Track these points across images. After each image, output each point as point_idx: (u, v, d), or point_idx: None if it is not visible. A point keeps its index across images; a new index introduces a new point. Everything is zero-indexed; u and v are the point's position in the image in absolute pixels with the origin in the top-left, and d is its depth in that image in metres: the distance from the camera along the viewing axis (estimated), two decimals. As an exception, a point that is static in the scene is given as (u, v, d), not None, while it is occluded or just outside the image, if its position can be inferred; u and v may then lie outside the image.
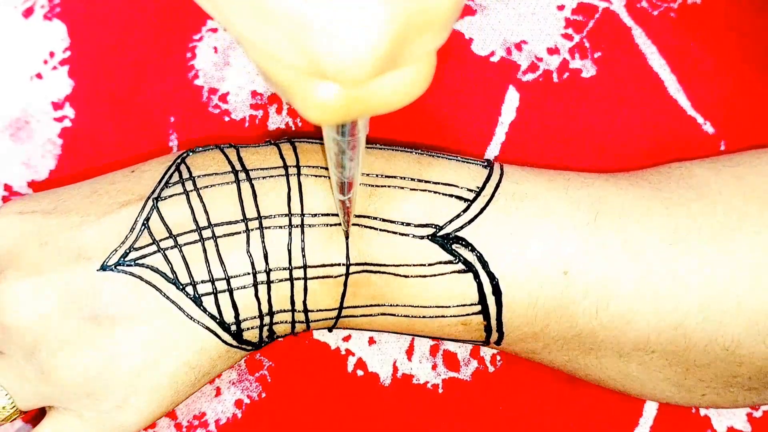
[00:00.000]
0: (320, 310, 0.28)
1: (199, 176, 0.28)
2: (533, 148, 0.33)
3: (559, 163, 0.33)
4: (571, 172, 0.30)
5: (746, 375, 0.28)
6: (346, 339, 0.33)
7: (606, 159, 0.33)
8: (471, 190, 0.28)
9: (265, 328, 0.29)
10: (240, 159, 0.29)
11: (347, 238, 0.28)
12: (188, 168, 0.28)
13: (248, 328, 0.28)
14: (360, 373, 0.33)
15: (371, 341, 0.33)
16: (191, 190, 0.28)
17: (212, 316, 0.27)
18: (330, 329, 0.30)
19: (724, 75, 0.32)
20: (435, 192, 0.28)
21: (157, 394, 0.28)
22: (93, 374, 0.27)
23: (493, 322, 0.28)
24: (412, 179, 0.28)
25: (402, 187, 0.28)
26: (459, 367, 0.33)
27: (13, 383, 0.28)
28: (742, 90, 0.32)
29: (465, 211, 0.28)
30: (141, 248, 0.27)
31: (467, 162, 0.29)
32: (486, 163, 0.29)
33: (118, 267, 0.27)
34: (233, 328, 0.28)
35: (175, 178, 0.28)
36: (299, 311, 0.28)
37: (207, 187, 0.28)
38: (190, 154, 0.29)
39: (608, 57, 0.33)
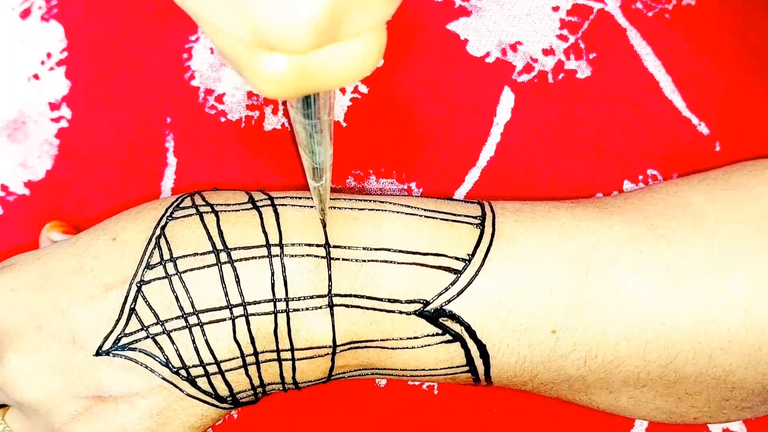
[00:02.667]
0: (309, 382, 0.29)
1: (180, 257, 0.28)
2: (528, 148, 0.33)
3: (555, 164, 0.33)
4: (564, 212, 0.29)
5: (739, 397, 0.28)
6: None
7: (601, 160, 0.33)
8: (460, 259, 0.27)
9: (259, 394, 0.29)
10: (220, 233, 0.28)
11: (324, 226, 0.28)
12: (168, 244, 0.28)
13: (243, 397, 0.29)
14: (355, 373, 0.33)
15: (366, 342, 0.33)
16: (173, 274, 0.27)
17: (207, 393, 0.28)
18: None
19: (719, 76, 0.32)
20: (423, 264, 0.27)
21: None
22: None
23: (482, 377, 0.29)
24: (400, 251, 0.27)
25: (390, 261, 0.27)
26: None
27: None
28: (737, 91, 0.32)
29: (454, 282, 0.27)
30: (132, 333, 0.28)
31: (458, 221, 0.28)
32: (478, 221, 0.28)
33: (112, 352, 0.28)
34: (229, 399, 0.29)
35: (156, 258, 0.28)
36: (289, 384, 0.29)
37: (189, 270, 0.27)
38: (170, 221, 0.29)
39: (603, 58, 0.33)
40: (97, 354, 0.28)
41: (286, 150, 0.34)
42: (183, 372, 0.28)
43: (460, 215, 0.29)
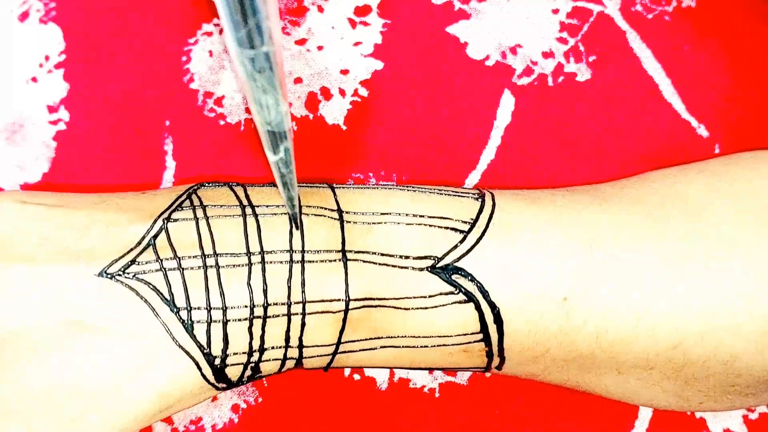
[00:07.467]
0: (316, 346, 0.28)
1: (209, 206, 0.29)
2: (529, 151, 0.33)
3: (555, 166, 0.33)
4: (562, 196, 0.30)
5: (744, 383, 0.28)
6: (342, 343, 0.33)
7: (601, 163, 0.33)
8: (465, 222, 0.28)
9: (250, 366, 0.28)
10: (247, 196, 0.29)
11: (295, 222, 0.28)
12: (199, 198, 0.29)
13: (233, 364, 0.28)
14: (356, 377, 0.33)
15: (367, 345, 0.33)
16: (201, 218, 0.28)
17: (200, 345, 0.27)
18: (325, 369, 0.30)
19: (719, 78, 0.32)
20: (430, 225, 0.28)
21: (116, 418, 0.27)
22: (58, 383, 0.26)
23: (495, 348, 0.28)
24: (407, 214, 0.29)
25: (398, 223, 0.29)
26: (456, 371, 0.32)
27: None
28: (737, 93, 0.32)
29: (462, 241, 0.28)
30: (143, 263, 0.27)
31: (458, 195, 0.30)
32: (477, 195, 0.30)
33: (116, 277, 0.26)
34: (217, 361, 0.27)
35: (187, 204, 0.29)
36: (293, 347, 0.28)
37: (216, 216, 0.28)
38: (201, 186, 0.30)
39: (603, 60, 0.33)
40: (100, 275, 0.26)
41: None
42: (183, 313, 0.26)
43: (459, 191, 0.30)
